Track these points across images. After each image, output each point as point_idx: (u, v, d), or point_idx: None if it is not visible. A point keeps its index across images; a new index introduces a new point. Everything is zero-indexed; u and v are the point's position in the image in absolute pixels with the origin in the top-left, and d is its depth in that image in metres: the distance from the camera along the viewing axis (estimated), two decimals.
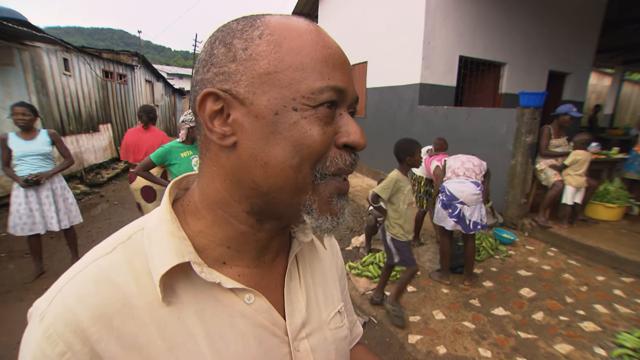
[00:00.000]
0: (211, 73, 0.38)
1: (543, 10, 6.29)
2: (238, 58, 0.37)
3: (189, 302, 0.39)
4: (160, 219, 0.41)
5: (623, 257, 3.39)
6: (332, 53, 0.38)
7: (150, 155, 2.59)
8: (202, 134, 0.41)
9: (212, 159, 0.41)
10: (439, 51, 5.54)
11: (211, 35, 0.41)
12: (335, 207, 0.40)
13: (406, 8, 5.67)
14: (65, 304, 0.35)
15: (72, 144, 6.78)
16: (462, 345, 2.36)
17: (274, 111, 0.36)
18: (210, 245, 0.42)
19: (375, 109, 6.84)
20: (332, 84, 0.37)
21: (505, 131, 4.27)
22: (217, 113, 0.38)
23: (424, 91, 5.60)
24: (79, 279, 0.37)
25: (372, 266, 3.26)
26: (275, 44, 0.37)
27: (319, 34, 0.39)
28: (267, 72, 0.36)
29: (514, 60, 6.32)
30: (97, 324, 0.35)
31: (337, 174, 0.40)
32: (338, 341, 0.52)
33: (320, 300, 0.52)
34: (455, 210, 2.93)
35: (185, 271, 0.39)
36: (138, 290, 0.37)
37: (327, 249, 0.59)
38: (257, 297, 0.43)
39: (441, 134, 4.82)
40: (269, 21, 0.38)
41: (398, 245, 2.49)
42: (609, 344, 2.31)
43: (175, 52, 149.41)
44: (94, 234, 4.28)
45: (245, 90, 0.37)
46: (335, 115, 0.39)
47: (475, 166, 3.04)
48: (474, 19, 5.71)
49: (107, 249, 0.40)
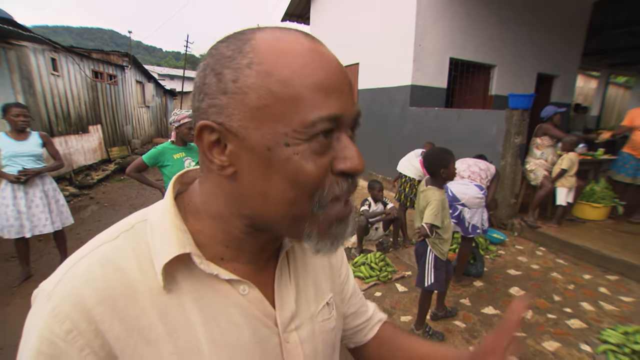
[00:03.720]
0: (205, 104, 0.38)
1: (532, 14, 6.40)
2: (229, 90, 0.36)
3: (188, 290, 0.41)
4: (164, 212, 0.43)
5: (608, 256, 3.47)
6: (325, 76, 0.37)
7: (142, 156, 2.58)
8: (203, 160, 0.41)
9: (214, 181, 0.42)
10: (429, 53, 5.60)
11: (204, 60, 0.40)
12: (334, 233, 0.41)
13: (397, 10, 5.72)
14: (72, 285, 0.37)
15: (60, 145, 6.67)
16: (452, 344, 2.39)
17: (267, 147, 0.36)
18: (209, 242, 0.43)
19: (367, 110, 6.88)
20: (325, 115, 0.36)
21: (495, 132, 4.33)
22: (215, 143, 0.38)
23: (415, 93, 5.65)
24: (85, 262, 0.39)
25: (363, 267, 3.27)
26: (264, 75, 0.35)
27: (312, 54, 0.37)
28: (258, 106, 0.35)
29: (504, 63, 6.41)
30: (101, 305, 0.37)
31: (336, 200, 0.39)
32: (325, 332, 0.54)
33: (309, 294, 0.53)
34: (456, 212, 2.92)
35: (185, 262, 0.41)
36: (141, 276, 0.39)
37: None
38: (251, 289, 0.45)
39: (432, 135, 4.86)
40: (257, 46, 0.37)
41: (438, 265, 2.30)
42: (594, 341, 2.36)
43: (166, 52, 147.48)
44: (83, 236, 4.22)
45: (238, 125, 0.36)
46: (332, 140, 0.38)
47: (482, 170, 3.04)
48: (464, 22, 5.79)
49: (112, 236, 0.42)
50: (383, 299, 2.92)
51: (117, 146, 9.95)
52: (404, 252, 3.81)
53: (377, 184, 3.89)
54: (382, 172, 6.44)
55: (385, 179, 6.12)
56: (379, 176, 6.41)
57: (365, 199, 3.95)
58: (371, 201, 3.88)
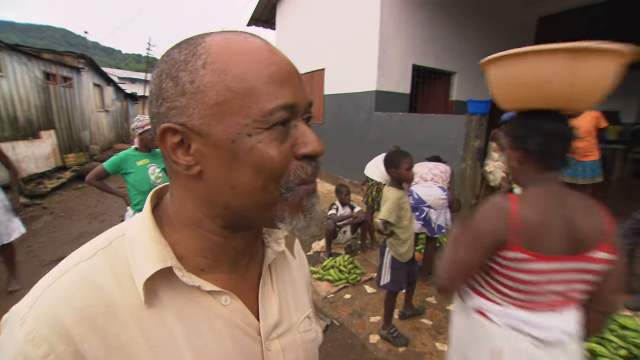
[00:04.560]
0: (165, 108, 0.39)
1: (487, 25, 6.79)
2: (187, 92, 0.37)
3: (169, 304, 0.41)
4: (143, 226, 0.43)
5: None
6: (277, 70, 0.39)
7: (103, 163, 2.47)
8: (169, 163, 0.42)
9: (182, 184, 0.42)
10: (393, 60, 5.78)
11: (158, 68, 0.40)
12: (307, 206, 0.42)
13: (362, 18, 5.87)
14: (48, 307, 0.36)
15: (7, 152, 6.20)
16: (420, 341, 2.46)
17: (231, 140, 0.37)
18: (188, 254, 0.44)
19: (333, 115, 6.97)
20: (281, 103, 0.38)
21: (455, 136, 4.53)
22: (179, 145, 0.39)
23: (380, 98, 5.81)
24: (61, 283, 0.38)
25: (333, 270, 3.30)
26: (220, 73, 0.37)
27: (261, 52, 0.39)
28: (217, 102, 0.37)
29: (463, 70, 6.74)
30: (81, 325, 0.36)
31: (303, 184, 0.42)
32: (307, 343, 0.55)
33: (291, 305, 0.55)
34: (423, 214, 3.02)
35: (167, 276, 0.41)
36: (121, 293, 0.39)
37: (296, 259, 0.61)
38: (233, 300, 0.45)
39: (397, 139, 5.00)
40: (210, 47, 0.38)
41: (396, 266, 2.34)
42: None
43: (126, 55, 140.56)
44: (36, 249, 3.94)
45: (200, 123, 0.37)
46: (290, 128, 0.40)
47: (442, 173, 3.18)
48: (426, 31, 6.04)
49: (88, 254, 0.41)
50: (353, 301, 2.96)
51: (74, 153, 9.38)
52: (372, 254, 3.89)
53: (345, 188, 3.95)
54: (349, 176, 6.54)
55: (352, 183, 6.22)
56: (346, 180, 6.50)
57: (333, 203, 4.00)
58: (339, 205, 3.93)
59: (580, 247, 0.96)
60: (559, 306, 1.01)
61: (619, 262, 0.99)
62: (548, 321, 1.01)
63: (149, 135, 2.49)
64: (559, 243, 0.96)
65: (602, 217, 0.99)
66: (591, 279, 0.99)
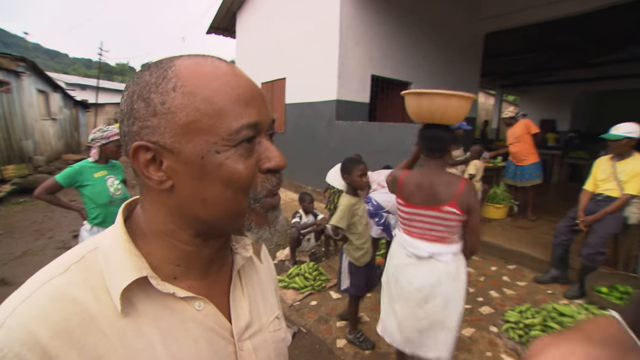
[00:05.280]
0: (136, 127, 0.42)
1: (441, 38, 7.21)
2: (158, 112, 0.40)
3: (145, 312, 0.43)
4: (116, 239, 0.45)
5: (508, 249, 4.02)
6: (242, 92, 0.42)
7: (55, 176, 2.32)
8: (140, 178, 0.44)
9: (153, 198, 0.45)
10: (353, 70, 5.97)
11: (128, 88, 0.43)
12: (271, 218, 0.46)
13: (322, 29, 6.02)
14: (21, 324, 0.37)
15: None
16: (385, 343, 2.54)
17: (200, 156, 0.40)
18: (161, 263, 0.46)
19: (295, 124, 7.03)
20: (246, 122, 0.41)
21: (412, 143, 4.74)
22: (151, 161, 0.42)
23: (341, 107, 5.96)
24: (34, 299, 0.39)
25: (298, 278, 3.32)
26: (189, 95, 0.40)
27: (227, 75, 0.42)
28: (187, 122, 0.40)
29: (418, 80, 7.08)
30: (57, 339, 0.37)
31: (268, 195, 0.45)
32: (276, 342, 0.59)
33: (260, 307, 0.58)
34: (382, 219, 3.12)
35: (141, 285, 0.43)
36: (97, 304, 0.40)
37: (263, 263, 0.65)
38: (206, 304, 0.48)
39: (358, 147, 5.15)
40: (179, 71, 0.41)
41: (353, 270, 2.39)
42: (499, 322, 2.72)
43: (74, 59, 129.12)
44: None
45: (172, 141, 0.40)
46: (255, 144, 0.44)
47: None
48: (384, 43, 6.31)
49: (61, 268, 0.42)
50: (319, 307, 2.99)
51: (14, 164, 8.62)
52: (336, 260, 3.94)
53: (308, 196, 3.99)
54: (311, 183, 6.61)
55: (315, 190, 6.28)
56: (308, 188, 6.56)
57: (296, 211, 4.02)
58: (302, 213, 3.97)
59: (433, 202, 1.66)
60: (429, 238, 1.71)
61: (471, 217, 1.65)
62: (417, 244, 1.73)
63: (114, 147, 2.40)
64: (419, 198, 1.71)
65: (456, 187, 1.63)
66: (446, 224, 1.66)
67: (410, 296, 1.74)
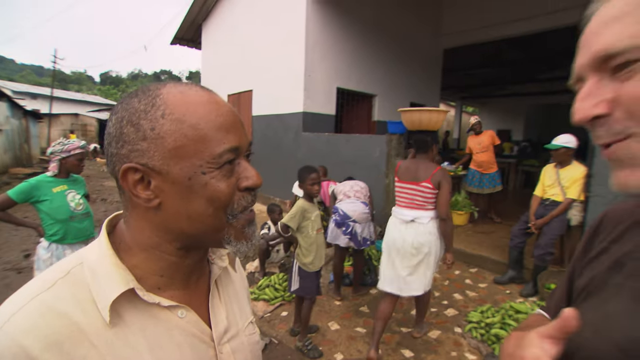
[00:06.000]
0: (125, 150, 0.45)
1: (403, 53, 7.55)
2: (148, 137, 0.44)
3: (132, 321, 0.46)
4: (102, 253, 0.48)
5: (469, 253, 4.23)
6: (224, 120, 0.47)
7: (8, 192, 2.19)
8: (127, 196, 0.48)
9: (140, 214, 0.48)
10: (319, 83, 6.11)
11: (116, 113, 0.47)
12: (248, 233, 0.52)
13: (288, 43, 6.13)
14: (12, 339, 0.39)
15: None
16: (356, 349, 2.59)
17: (187, 177, 0.45)
18: (145, 275, 0.49)
19: (262, 135, 7.05)
20: (228, 147, 0.46)
21: (378, 154, 4.91)
22: (139, 181, 0.45)
23: (307, 119, 6.06)
24: (23, 315, 0.41)
25: (268, 289, 3.30)
26: (177, 122, 0.44)
27: (211, 104, 0.47)
28: (175, 147, 0.44)
29: (383, 93, 7.36)
30: (48, 352, 0.39)
31: (244, 211, 0.50)
32: (252, 345, 0.64)
33: (236, 313, 0.63)
34: (349, 228, 3.20)
35: (128, 297, 0.46)
36: (85, 317, 0.43)
37: (237, 272, 0.70)
38: (188, 312, 0.52)
39: (324, 158, 5.25)
40: (167, 99, 0.45)
41: (303, 275, 2.52)
42: (463, 322, 2.86)
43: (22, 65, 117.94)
44: None
45: (160, 163, 0.44)
46: (235, 165, 0.48)
47: (362, 188, 3.44)
48: (349, 56, 6.52)
49: (47, 284, 0.44)
50: (290, 318, 2.99)
51: None
52: None
53: (277, 207, 4.01)
54: (279, 194, 6.62)
55: (282, 201, 6.29)
56: (276, 199, 6.56)
57: (264, 222, 4.02)
58: (271, 224, 3.97)
59: (415, 179, 2.40)
60: (412, 206, 2.43)
61: (441, 191, 2.34)
62: (403, 211, 2.46)
63: (75, 160, 2.33)
64: (407, 176, 2.44)
65: (432, 170, 2.35)
66: (424, 195, 2.37)
67: (405, 250, 2.40)
